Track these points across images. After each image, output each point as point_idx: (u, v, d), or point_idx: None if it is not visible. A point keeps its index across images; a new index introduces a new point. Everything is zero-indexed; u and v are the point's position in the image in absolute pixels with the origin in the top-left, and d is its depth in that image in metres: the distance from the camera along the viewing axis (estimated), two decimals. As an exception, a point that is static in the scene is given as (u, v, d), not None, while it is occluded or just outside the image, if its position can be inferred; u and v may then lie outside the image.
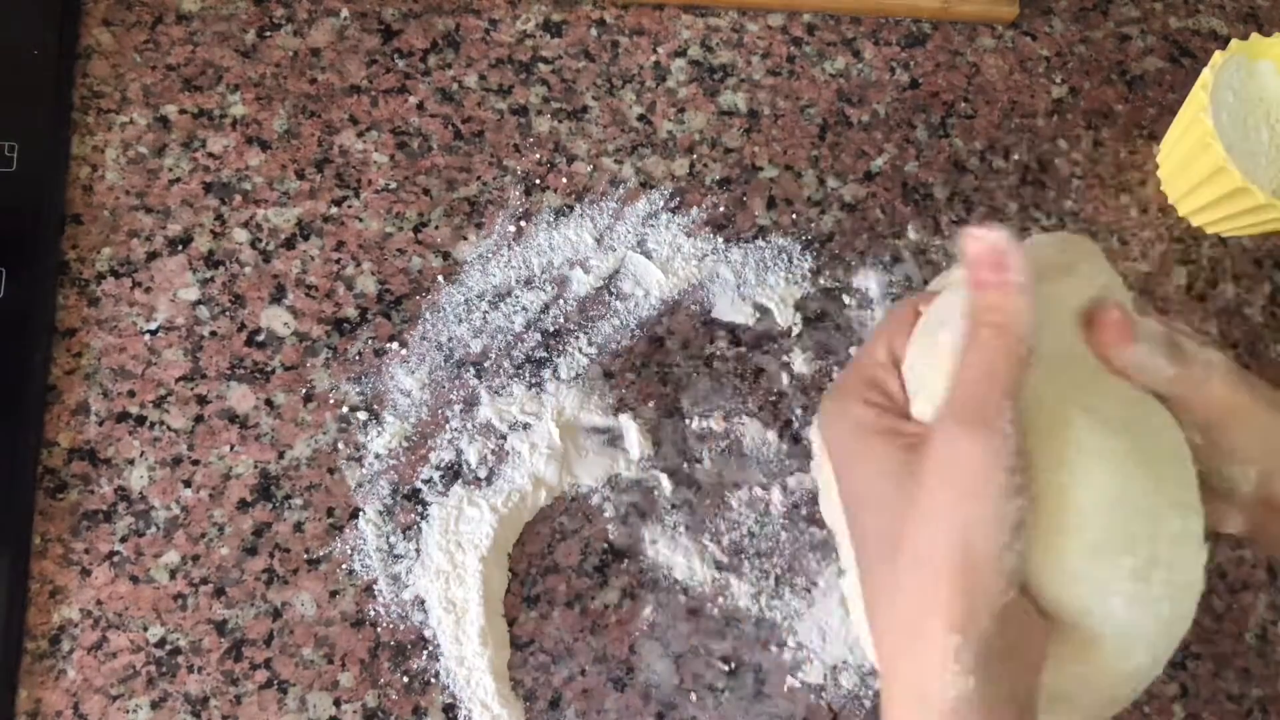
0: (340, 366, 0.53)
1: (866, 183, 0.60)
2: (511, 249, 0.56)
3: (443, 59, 0.59)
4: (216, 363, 0.53)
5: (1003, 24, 0.65)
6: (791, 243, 0.58)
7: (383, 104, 0.58)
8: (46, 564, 0.49)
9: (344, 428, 0.52)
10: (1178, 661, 0.54)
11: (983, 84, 0.63)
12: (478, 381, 0.54)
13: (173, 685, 0.48)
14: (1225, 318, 0.60)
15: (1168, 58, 0.66)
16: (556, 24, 0.61)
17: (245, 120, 0.57)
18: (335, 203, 0.56)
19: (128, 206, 0.55)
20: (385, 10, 0.60)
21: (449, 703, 0.49)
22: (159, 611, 0.49)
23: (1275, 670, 0.55)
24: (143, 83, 0.57)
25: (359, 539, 0.51)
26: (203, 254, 0.54)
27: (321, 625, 0.49)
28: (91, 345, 0.52)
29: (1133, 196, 0.62)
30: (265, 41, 0.58)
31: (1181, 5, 0.67)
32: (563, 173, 0.58)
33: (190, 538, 0.50)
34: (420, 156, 0.58)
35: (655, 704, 0.50)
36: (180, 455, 0.51)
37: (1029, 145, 0.62)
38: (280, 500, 0.51)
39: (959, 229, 0.60)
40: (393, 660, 0.49)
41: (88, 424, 0.51)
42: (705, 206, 0.59)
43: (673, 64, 0.61)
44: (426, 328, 0.55)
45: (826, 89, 0.62)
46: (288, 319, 0.54)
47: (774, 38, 0.63)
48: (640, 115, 0.60)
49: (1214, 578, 0.55)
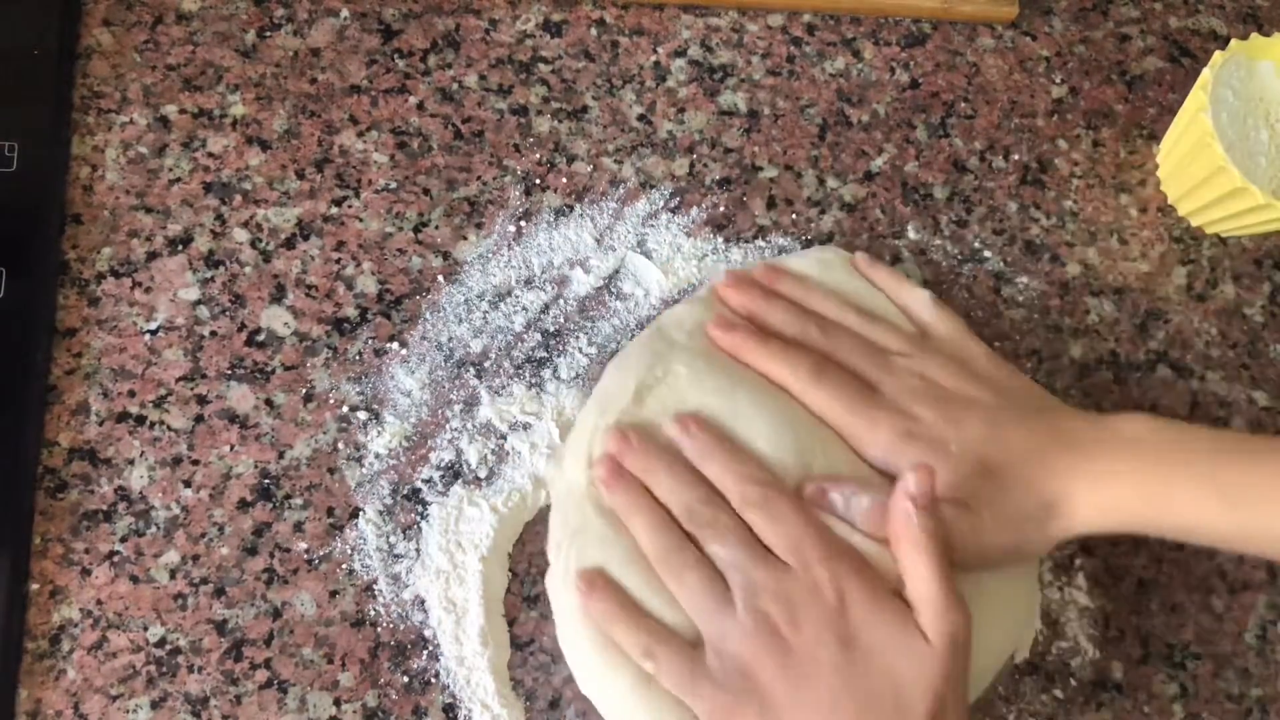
0: (340, 366, 0.53)
1: (866, 183, 0.60)
2: (511, 249, 0.56)
3: (443, 59, 0.59)
4: (216, 363, 0.53)
5: (1003, 24, 0.65)
6: (791, 243, 0.58)
7: (383, 104, 0.58)
8: (46, 564, 0.49)
9: (344, 428, 0.52)
10: (1178, 661, 0.54)
11: (983, 84, 0.63)
12: (478, 381, 0.54)
13: (173, 685, 0.48)
14: (1225, 318, 0.60)
15: (1168, 58, 0.66)
16: (556, 24, 0.61)
17: (245, 120, 0.57)
18: (335, 203, 0.56)
19: (128, 206, 0.55)
20: (385, 10, 0.60)
21: (449, 703, 0.49)
22: (159, 611, 0.49)
23: (1275, 670, 0.55)
24: (143, 83, 0.57)
25: (359, 539, 0.51)
26: (203, 254, 0.54)
27: (321, 625, 0.49)
28: (91, 345, 0.52)
29: (1133, 196, 0.62)
30: (265, 41, 0.58)
31: (1181, 5, 0.67)
32: (563, 173, 0.58)
33: (190, 538, 0.50)
34: (420, 156, 0.58)
35: (655, 704, 0.50)
36: (180, 455, 0.51)
37: (1029, 145, 0.62)
38: (280, 500, 0.51)
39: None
40: (393, 660, 0.49)
41: (88, 424, 0.51)
42: (705, 206, 0.59)
43: (673, 64, 0.61)
44: (426, 328, 0.55)
45: (826, 89, 0.62)
46: (288, 319, 0.54)
47: (774, 38, 0.63)
48: (640, 115, 0.60)
49: (1214, 578, 0.55)
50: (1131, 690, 0.53)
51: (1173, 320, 0.60)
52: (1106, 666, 0.53)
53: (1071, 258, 0.60)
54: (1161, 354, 0.59)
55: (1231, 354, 0.60)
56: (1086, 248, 0.61)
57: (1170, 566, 0.55)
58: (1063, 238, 0.61)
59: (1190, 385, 0.59)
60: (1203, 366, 0.59)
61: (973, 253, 0.60)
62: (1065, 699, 0.52)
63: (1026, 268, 0.60)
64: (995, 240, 0.60)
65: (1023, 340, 0.58)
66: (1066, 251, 0.60)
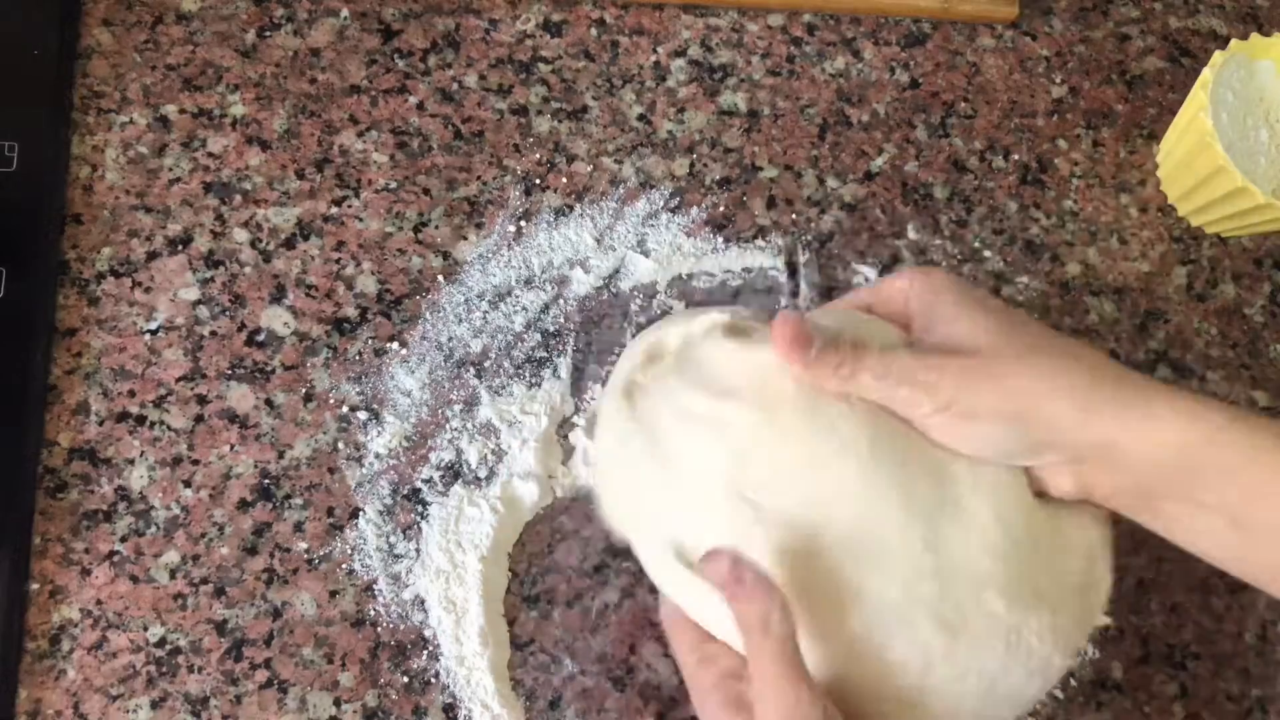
0: (340, 366, 0.53)
1: (866, 183, 0.60)
2: (511, 249, 0.56)
3: (443, 59, 0.59)
4: (216, 363, 0.53)
5: (1003, 24, 0.65)
6: (791, 243, 0.58)
7: (383, 104, 0.58)
8: (46, 564, 0.49)
9: (344, 428, 0.52)
10: (1178, 661, 0.54)
11: (983, 84, 0.63)
12: (478, 381, 0.54)
13: (173, 685, 0.48)
14: (1225, 318, 0.61)
15: (1168, 58, 0.66)
16: (556, 24, 0.61)
17: (245, 120, 0.57)
18: (335, 203, 0.56)
19: (128, 206, 0.55)
20: (385, 10, 0.60)
21: (449, 703, 0.49)
22: (159, 611, 0.49)
23: (1275, 670, 0.55)
24: (143, 83, 0.57)
25: (359, 539, 0.51)
26: (203, 254, 0.54)
27: (321, 625, 0.49)
28: (91, 345, 0.52)
29: (1133, 196, 0.62)
30: (265, 41, 0.58)
31: (1181, 5, 0.67)
32: (563, 173, 0.58)
33: (190, 538, 0.50)
34: (420, 156, 0.58)
35: (655, 704, 0.50)
36: (180, 455, 0.51)
37: (1029, 145, 0.62)
38: (280, 500, 0.51)
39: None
40: (393, 660, 0.49)
41: (88, 424, 0.51)
42: (705, 206, 0.59)
43: (673, 64, 0.61)
44: (426, 328, 0.55)
45: (826, 89, 0.62)
46: (288, 319, 0.54)
47: (774, 38, 0.63)
48: (640, 115, 0.60)
49: (1214, 578, 0.55)
50: (1131, 690, 0.53)
51: (1173, 320, 0.60)
52: (1106, 666, 0.53)
53: (1071, 258, 0.60)
54: (1161, 354, 0.59)
55: (1231, 354, 0.60)
56: (1086, 248, 0.61)
57: (1170, 566, 0.55)
58: (1063, 238, 0.61)
59: (1190, 385, 0.59)
60: (1203, 366, 0.59)
61: (973, 253, 0.60)
62: (1065, 699, 0.52)
63: (1026, 268, 0.60)
64: (995, 240, 0.60)
65: (1023, 340, 0.58)
66: (1066, 251, 0.60)
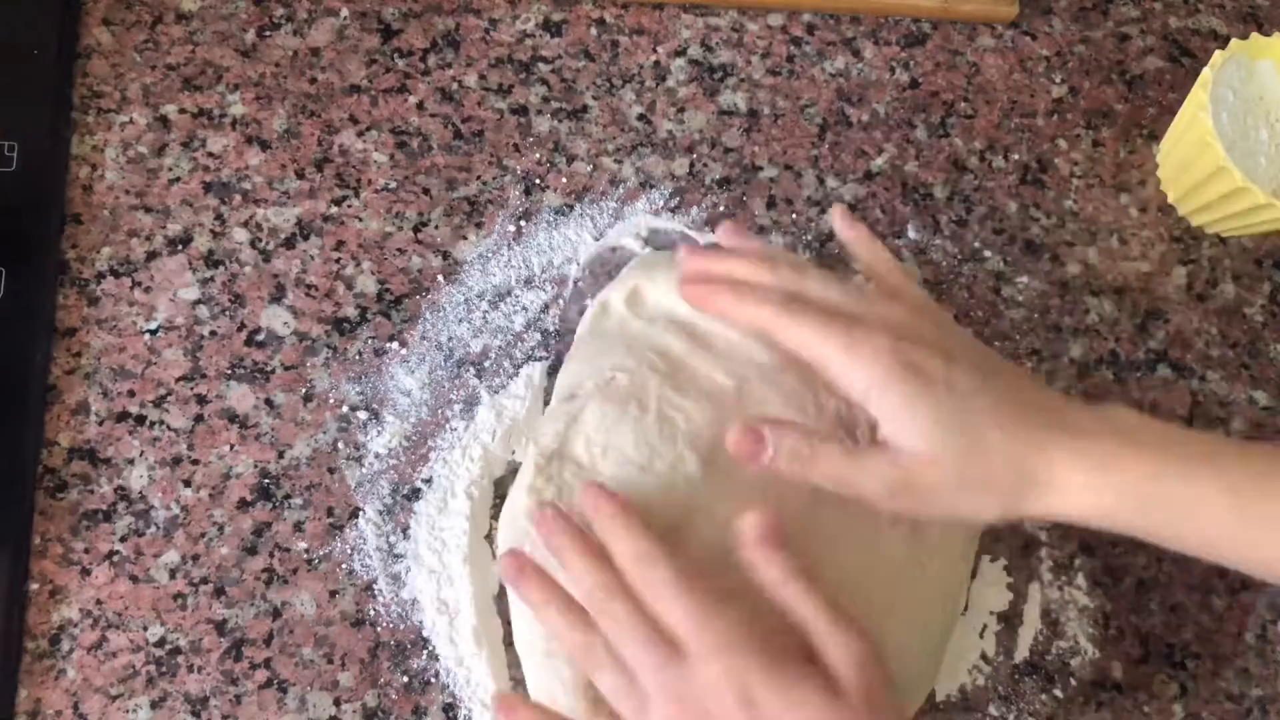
0: (340, 366, 0.53)
1: (866, 182, 0.60)
2: (511, 249, 0.56)
3: (443, 59, 0.59)
4: (216, 362, 0.53)
5: (1003, 24, 0.65)
6: (791, 243, 0.58)
7: (383, 104, 0.58)
8: (46, 564, 0.49)
9: (344, 427, 0.52)
10: (1178, 661, 0.54)
11: (983, 84, 0.63)
12: (478, 381, 0.54)
13: (173, 685, 0.48)
14: (1225, 318, 0.60)
15: (1168, 57, 0.66)
16: (556, 24, 0.61)
17: (245, 120, 0.57)
18: (335, 202, 0.56)
19: (128, 206, 0.55)
20: (385, 10, 0.60)
21: (449, 702, 0.49)
22: (159, 611, 0.49)
23: (1275, 670, 0.55)
24: (143, 82, 0.57)
25: (359, 539, 0.51)
26: (203, 254, 0.54)
27: (321, 625, 0.49)
28: (91, 345, 0.52)
29: (1133, 196, 0.62)
30: (265, 41, 0.58)
31: (1181, 5, 0.67)
32: (563, 172, 0.58)
33: (190, 537, 0.50)
34: (420, 156, 0.58)
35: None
36: (180, 455, 0.51)
37: (1029, 145, 0.62)
38: (280, 500, 0.51)
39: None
40: (393, 660, 0.49)
41: (88, 424, 0.51)
42: (705, 206, 0.59)
43: (673, 64, 0.61)
44: (426, 327, 0.55)
45: (826, 89, 0.62)
46: (288, 319, 0.54)
47: (774, 37, 0.63)
48: (640, 115, 0.60)
49: (1214, 578, 0.55)
50: (1131, 690, 0.53)
51: (1173, 320, 0.60)
52: (1106, 666, 0.53)
53: (1071, 258, 0.60)
54: (1161, 354, 0.59)
55: (1231, 354, 0.60)
56: (1086, 248, 0.61)
57: (1170, 566, 0.55)
58: (1063, 238, 0.61)
59: (1190, 385, 0.59)
60: (1203, 366, 0.59)
61: (973, 252, 0.60)
62: (1065, 699, 0.52)
63: (1026, 267, 0.60)
64: (995, 240, 0.60)
65: (1023, 340, 0.58)
66: (1066, 251, 0.60)
